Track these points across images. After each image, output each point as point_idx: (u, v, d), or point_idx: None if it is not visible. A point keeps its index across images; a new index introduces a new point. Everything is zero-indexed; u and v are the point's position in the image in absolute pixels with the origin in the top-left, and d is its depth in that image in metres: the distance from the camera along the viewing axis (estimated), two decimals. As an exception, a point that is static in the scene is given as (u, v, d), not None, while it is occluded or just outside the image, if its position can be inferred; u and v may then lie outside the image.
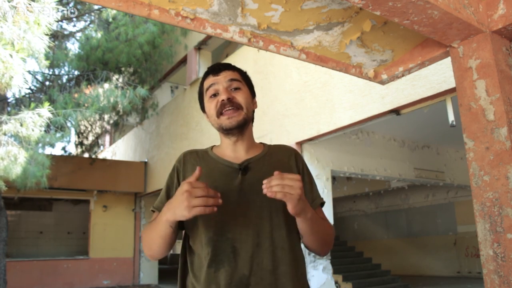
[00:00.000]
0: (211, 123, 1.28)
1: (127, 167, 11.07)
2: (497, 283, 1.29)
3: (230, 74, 1.25)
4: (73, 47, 12.78)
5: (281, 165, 1.25)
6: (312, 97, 5.70)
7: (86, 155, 11.22)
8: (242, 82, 1.27)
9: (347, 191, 12.11)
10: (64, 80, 8.97)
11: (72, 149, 12.78)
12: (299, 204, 1.02)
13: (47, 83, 8.99)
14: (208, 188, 1.01)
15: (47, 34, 5.51)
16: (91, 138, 11.93)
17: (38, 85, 9.03)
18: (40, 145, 7.45)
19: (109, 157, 13.55)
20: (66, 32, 9.49)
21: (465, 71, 1.45)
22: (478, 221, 1.37)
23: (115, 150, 13.71)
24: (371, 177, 7.33)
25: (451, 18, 1.29)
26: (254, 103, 1.31)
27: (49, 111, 6.27)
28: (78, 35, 9.55)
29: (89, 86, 8.75)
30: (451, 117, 4.55)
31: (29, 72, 7.71)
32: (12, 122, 5.92)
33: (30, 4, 5.06)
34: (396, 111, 4.73)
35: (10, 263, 8.94)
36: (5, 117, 6.05)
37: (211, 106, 1.23)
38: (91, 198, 10.87)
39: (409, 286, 8.10)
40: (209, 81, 1.25)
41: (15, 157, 5.99)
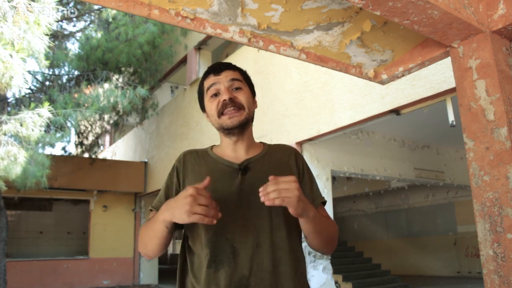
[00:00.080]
0: (211, 123, 1.27)
1: (127, 167, 11.07)
2: (497, 283, 1.29)
3: (231, 73, 1.24)
4: (73, 47, 12.80)
5: (281, 165, 1.24)
6: (312, 97, 5.70)
7: (86, 155, 11.22)
8: (243, 82, 1.26)
9: (347, 191, 12.11)
10: (64, 80, 8.97)
11: (72, 149, 12.78)
12: (300, 205, 1.01)
13: (47, 83, 8.99)
14: (212, 199, 1.00)
15: (47, 34, 5.51)
16: (91, 138, 11.93)
17: (38, 85, 9.03)
18: (40, 145, 7.45)
19: (109, 157, 13.55)
20: (66, 32, 9.49)
21: (465, 71, 1.45)
22: (478, 221, 1.37)
23: (115, 150, 13.71)
24: (371, 177, 7.33)
25: (451, 18, 1.29)
26: (254, 102, 1.31)
27: (49, 111, 6.28)
28: (78, 35, 9.55)
29: (89, 86, 8.75)
30: (451, 117, 4.55)
31: (29, 72, 7.71)
32: (12, 122, 5.92)
33: (30, 4, 5.06)
34: (396, 111, 4.73)
35: (10, 263, 8.94)
36: (5, 117, 6.05)
37: (212, 106, 1.22)
38: (91, 198, 10.87)
39: (409, 286, 8.10)
40: (210, 80, 1.24)
41: (15, 157, 5.99)
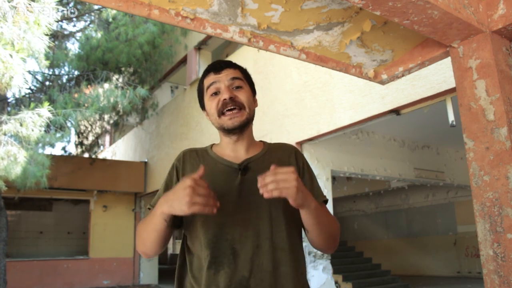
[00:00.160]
0: (211, 122, 1.25)
1: (127, 167, 11.07)
2: (497, 283, 1.28)
3: (232, 72, 1.22)
4: (73, 47, 12.79)
5: (282, 164, 1.22)
6: (312, 97, 5.70)
7: (86, 155, 11.22)
8: (243, 80, 1.24)
9: (347, 191, 12.11)
10: (64, 80, 8.97)
11: (72, 149, 12.77)
12: (299, 196, 1.00)
13: (47, 83, 9.00)
14: (210, 189, 1.00)
15: (47, 34, 5.51)
16: (91, 138, 11.93)
17: (38, 85, 9.03)
18: (40, 145, 7.45)
19: (109, 157, 13.55)
20: (66, 32, 9.49)
21: (465, 71, 1.45)
22: (478, 221, 1.37)
23: (115, 150, 13.71)
24: (371, 177, 7.33)
25: (451, 18, 1.29)
26: (255, 101, 1.29)
27: (49, 111, 6.28)
28: (78, 35, 9.55)
29: (89, 86, 8.75)
30: (451, 117, 4.55)
31: (29, 72, 7.71)
32: (12, 122, 5.92)
33: (30, 4, 5.06)
34: (396, 111, 4.73)
35: (10, 263, 8.94)
36: (5, 117, 6.05)
37: (212, 105, 1.20)
38: (91, 198, 10.87)
39: (409, 286, 8.10)
40: (210, 79, 1.22)
41: (15, 157, 5.99)
